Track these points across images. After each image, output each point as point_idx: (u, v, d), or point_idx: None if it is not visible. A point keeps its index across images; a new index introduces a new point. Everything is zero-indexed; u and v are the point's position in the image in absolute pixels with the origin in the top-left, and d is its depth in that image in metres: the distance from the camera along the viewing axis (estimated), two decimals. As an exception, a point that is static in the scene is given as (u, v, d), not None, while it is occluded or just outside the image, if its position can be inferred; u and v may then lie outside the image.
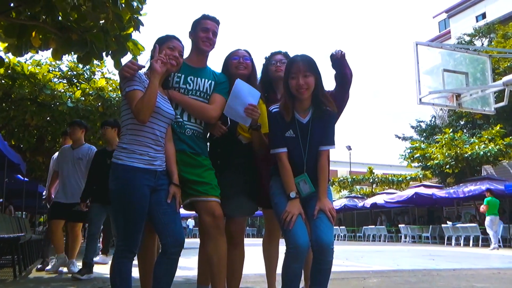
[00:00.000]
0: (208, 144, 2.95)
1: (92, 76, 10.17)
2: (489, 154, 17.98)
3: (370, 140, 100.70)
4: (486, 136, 19.46)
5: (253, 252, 4.50)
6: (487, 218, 13.47)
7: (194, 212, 2.95)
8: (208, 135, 2.93)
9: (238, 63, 2.89)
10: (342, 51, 2.90)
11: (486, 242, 15.13)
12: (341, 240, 24.69)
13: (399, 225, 21.02)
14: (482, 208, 13.78)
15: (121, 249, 2.39)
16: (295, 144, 2.56)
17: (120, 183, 2.37)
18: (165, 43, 2.61)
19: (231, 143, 2.84)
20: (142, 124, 2.39)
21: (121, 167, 2.37)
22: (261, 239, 3.31)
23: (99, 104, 9.17)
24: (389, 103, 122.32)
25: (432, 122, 26.38)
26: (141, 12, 4.54)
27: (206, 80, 2.84)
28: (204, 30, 2.82)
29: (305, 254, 2.45)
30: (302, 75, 2.49)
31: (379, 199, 22.59)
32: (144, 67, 2.52)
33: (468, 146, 19.06)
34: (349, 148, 33.68)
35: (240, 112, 2.63)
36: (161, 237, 2.43)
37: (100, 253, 7.02)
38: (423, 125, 26.57)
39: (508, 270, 6.37)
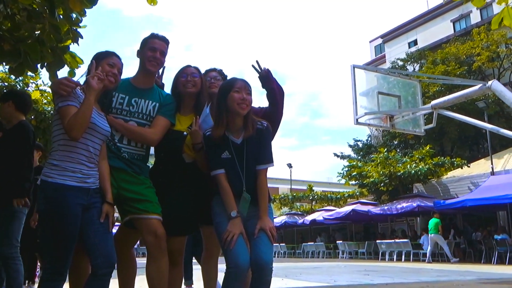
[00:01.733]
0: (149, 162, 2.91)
1: (26, 88, 9.67)
2: (419, 173, 19.03)
3: (311, 158, 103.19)
4: (417, 156, 20.62)
5: (194, 272, 4.42)
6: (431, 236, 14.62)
7: None
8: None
9: (186, 81, 2.85)
10: (266, 68, 2.97)
11: (417, 257, 15.90)
12: (281, 257, 24.88)
13: (337, 242, 21.59)
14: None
15: (50, 272, 2.28)
16: (231, 164, 2.58)
17: (50, 202, 2.25)
18: (105, 59, 2.55)
19: (175, 160, 2.82)
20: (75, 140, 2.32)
21: (52, 186, 2.26)
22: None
23: (32, 117, 8.73)
24: (330, 122, 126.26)
25: (368, 141, 27.57)
26: (80, 24, 4.41)
27: (150, 102, 2.80)
28: (152, 49, 2.78)
29: (246, 274, 2.46)
30: (245, 92, 2.56)
31: (318, 216, 23.11)
32: (80, 84, 2.45)
33: (400, 165, 20.06)
34: (290, 166, 34.29)
35: None
36: (91, 257, 2.34)
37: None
38: (360, 144, 27.70)
39: (436, 283, 6.72)
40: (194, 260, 4.82)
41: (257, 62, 2.97)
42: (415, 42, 30.83)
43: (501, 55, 22.75)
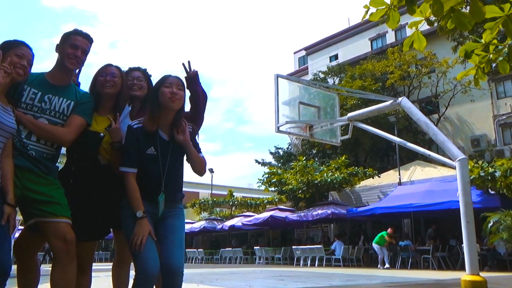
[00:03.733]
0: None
1: None
2: (335, 181, 19.91)
3: (233, 164, 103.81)
4: (333, 165, 21.56)
5: (105, 278, 4.22)
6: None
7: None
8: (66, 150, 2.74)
9: (104, 81, 2.73)
10: (195, 70, 2.95)
11: (329, 262, 16.58)
12: (198, 262, 24.65)
13: (254, 247, 21.85)
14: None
15: None
16: (154, 161, 2.52)
17: None
18: (12, 49, 2.36)
19: (89, 162, 2.68)
20: None
21: None
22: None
23: None
24: (254, 129, 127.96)
25: (288, 149, 28.33)
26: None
27: (65, 100, 2.64)
28: (73, 46, 2.61)
29: (155, 280, 2.39)
30: (176, 87, 2.54)
31: (238, 221, 23.25)
32: None
33: (318, 173, 20.85)
34: (211, 171, 34.17)
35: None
36: None
37: None
38: (281, 152, 28.39)
39: (345, 287, 7.05)
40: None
41: (188, 62, 2.94)
42: (336, 57, 32.33)
43: (411, 75, 24.60)
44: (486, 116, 22.85)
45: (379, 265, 15.32)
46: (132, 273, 2.72)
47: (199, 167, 2.68)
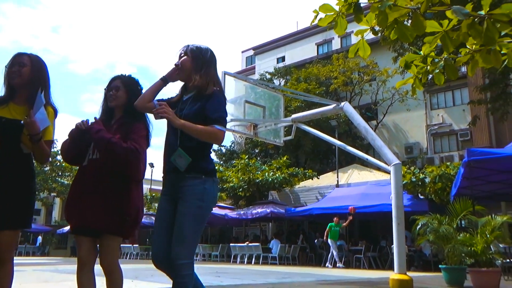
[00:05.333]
0: None
1: None
2: (275, 181, 20.22)
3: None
4: (275, 165, 21.87)
5: (32, 273, 4.00)
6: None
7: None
8: None
9: (11, 72, 2.67)
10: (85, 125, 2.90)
11: (266, 260, 16.82)
12: (133, 258, 24.06)
13: (192, 244, 21.66)
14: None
15: None
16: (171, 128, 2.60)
17: None
18: None
19: (9, 150, 2.57)
20: None
21: None
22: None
23: None
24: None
25: (231, 147, 28.38)
26: None
27: None
28: None
29: (159, 265, 2.50)
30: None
31: (176, 217, 22.94)
32: None
33: (259, 172, 21.07)
34: (151, 165, 33.47)
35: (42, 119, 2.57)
36: None
37: None
38: (224, 150, 28.37)
39: (282, 284, 7.18)
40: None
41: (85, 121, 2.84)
42: (283, 59, 32.82)
43: (353, 81, 25.54)
44: (420, 125, 24.19)
45: (328, 264, 15.18)
46: (99, 279, 2.62)
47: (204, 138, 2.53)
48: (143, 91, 2.81)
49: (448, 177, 13.19)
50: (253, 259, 16.92)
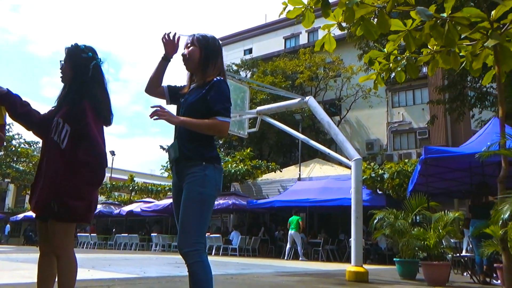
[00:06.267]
0: None
1: None
2: (238, 172, 20.23)
3: (138, 148, 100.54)
4: (238, 157, 21.88)
5: None
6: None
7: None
8: None
9: None
10: None
11: (226, 251, 16.86)
12: (90, 248, 23.54)
13: (151, 234, 21.43)
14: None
15: None
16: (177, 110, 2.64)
17: None
18: None
19: None
20: None
21: None
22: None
23: None
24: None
25: (195, 137, 28.13)
26: None
27: None
28: None
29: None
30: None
31: (136, 207, 22.60)
32: None
33: (222, 163, 21.00)
34: (112, 153, 32.75)
35: None
36: None
37: None
38: (188, 140, 28.09)
39: (240, 275, 7.22)
40: None
41: None
42: (250, 51, 32.75)
43: (319, 76, 25.84)
44: (381, 122, 24.80)
45: (285, 257, 15.31)
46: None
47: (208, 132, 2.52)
48: (90, 60, 2.65)
49: (405, 173, 13.62)
50: (213, 250, 16.92)
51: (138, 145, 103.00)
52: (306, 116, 22.30)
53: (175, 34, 2.63)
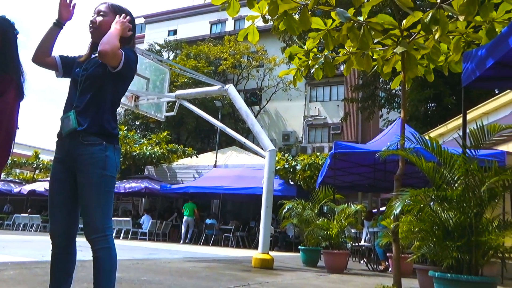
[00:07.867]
0: None
1: None
2: (153, 155, 19.77)
3: (45, 122, 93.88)
4: (154, 139, 21.35)
5: None
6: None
7: None
8: None
9: None
10: None
11: (135, 236, 16.46)
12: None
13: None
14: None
15: None
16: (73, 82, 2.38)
17: None
18: None
19: None
20: None
21: None
22: None
23: None
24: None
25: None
26: None
27: None
28: None
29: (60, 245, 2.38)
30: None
31: (40, 186, 21.19)
32: None
33: (137, 145, 20.39)
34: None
35: None
36: None
37: None
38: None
39: (146, 260, 7.10)
40: None
41: None
42: (175, 32, 31.95)
43: (242, 65, 25.97)
44: (298, 115, 25.61)
45: (182, 241, 15.80)
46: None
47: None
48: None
49: (316, 166, 14.22)
50: (122, 234, 16.43)
51: (46, 119, 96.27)
52: (227, 103, 22.34)
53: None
